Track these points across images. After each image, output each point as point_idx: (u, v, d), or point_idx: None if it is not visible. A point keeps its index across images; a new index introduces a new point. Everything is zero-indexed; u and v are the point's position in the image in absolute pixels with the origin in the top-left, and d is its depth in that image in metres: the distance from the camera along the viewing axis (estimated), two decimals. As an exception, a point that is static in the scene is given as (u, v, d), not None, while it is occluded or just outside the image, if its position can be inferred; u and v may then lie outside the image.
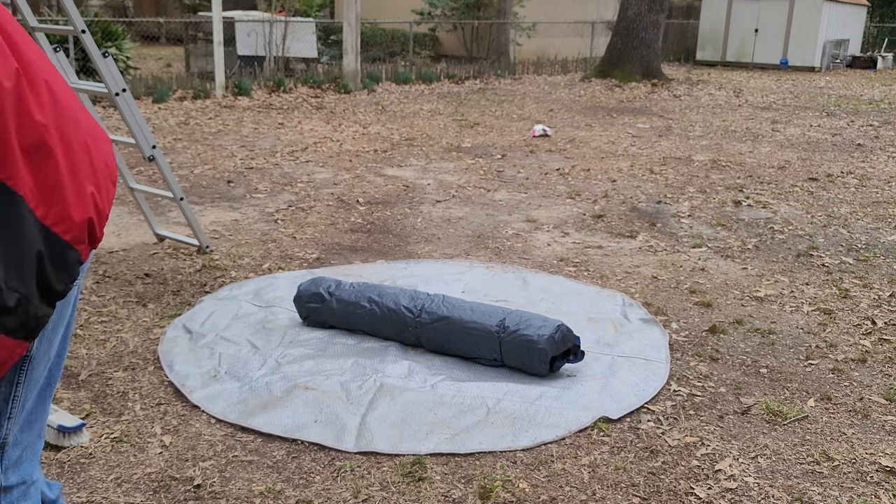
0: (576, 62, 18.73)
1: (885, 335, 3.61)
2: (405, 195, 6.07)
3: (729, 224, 5.48)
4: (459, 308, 3.18)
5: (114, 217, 5.26)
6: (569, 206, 5.87)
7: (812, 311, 3.88)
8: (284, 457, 2.52)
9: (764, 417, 2.83)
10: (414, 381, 2.99)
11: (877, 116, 11.67)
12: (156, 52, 18.78)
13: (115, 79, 3.80)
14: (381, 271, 4.27)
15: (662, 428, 2.74)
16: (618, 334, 3.49)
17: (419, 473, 2.42)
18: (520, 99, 12.84)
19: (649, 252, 4.80)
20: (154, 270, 4.22)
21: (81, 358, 3.15)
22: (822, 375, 3.19)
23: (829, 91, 15.42)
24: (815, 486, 2.43)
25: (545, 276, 4.26)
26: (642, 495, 2.35)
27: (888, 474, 2.50)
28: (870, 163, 7.93)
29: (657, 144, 8.74)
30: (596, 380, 3.04)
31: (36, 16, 4.25)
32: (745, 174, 7.20)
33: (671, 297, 4.04)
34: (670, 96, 13.73)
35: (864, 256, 4.80)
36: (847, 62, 22.26)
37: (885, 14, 27.15)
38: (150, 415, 2.74)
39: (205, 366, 3.09)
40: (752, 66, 21.28)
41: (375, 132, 9.06)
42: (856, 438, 2.71)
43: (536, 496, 2.33)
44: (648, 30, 15.75)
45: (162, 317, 3.59)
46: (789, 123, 10.70)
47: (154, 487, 2.33)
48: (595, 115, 11.03)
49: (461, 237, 5.02)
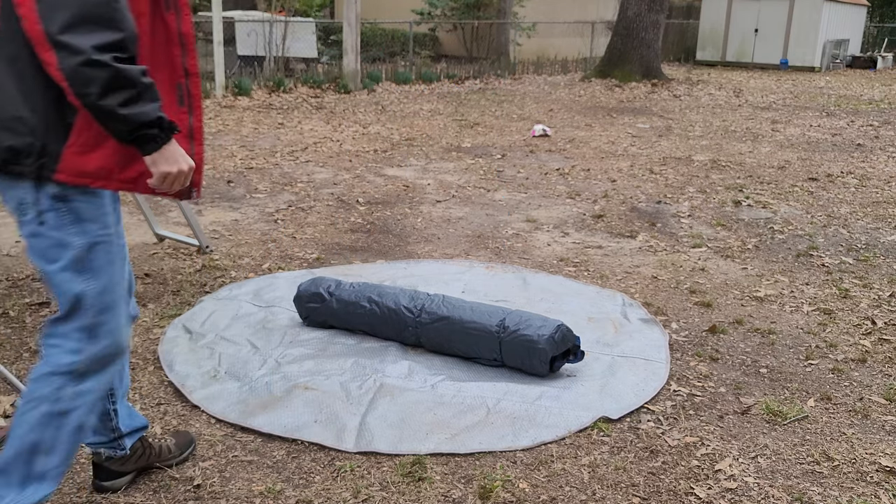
0: (576, 62, 18.73)
1: (884, 335, 3.61)
2: (405, 195, 6.07)
3: (729, 224, 5.48)
4: (459, 308, 3.18)
5: (114, 217, 5.25)
6: (569, 206, 5.87)
7: (812, 311, 3.88)
8: (284, 457, 2.52)
9: (764, 417, 2.83)
10: (414, 381, 2.99)
11: (877, 116, 11.67)
12: (156, 52, 18.75)
13: (114, 79, 3.80)
14: (381, 271, 4.27)
15: (662, 428, 2.74)
16: (618, 334, 3.49)
17: (419, 473, 2.42)
18: (520, 99, 12.85)
19: (649, 252, 4.80)
20: (154, 270, 4.22)
21: (81, 358, 3.15)
22: (822, 375, 3.19)
23: (829, 91, 15.42)
24: (815, 486, 2.43)
25: (545, 276, 4.26)
26: (642, 495, 2.36)
27: (888, 474, 2.50)
28: (870, 163, 7.93)
29: (657, 144, 8.75)
30: (596, 380, 3.04)
31: (36, 16, 4.24)
32: (745, 174, 7.21)
33: (671, 297, 4.04)
34: (670, 96, 13.73)
35: (864, 256, 4.80)
36: (847, 62, 22.27)
37: (885, 14, 27.16)
38: (149, 415, 2.74)
39: (205, 366, 3.09)
40: (752, 66, 21.28)
41: (375, 132, 9.06)
42: (856, 438, 2.71)
43: (536, 496, 2.33)
44: (648, 30, 15.75)
45: (162, 317, 3.59)
46: (789, 123, 10.70)
47: (154, 487, 2.33)
48: (595, 115, 11.04)
49: (461, 237, 5.02)
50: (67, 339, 1.86)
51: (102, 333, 1.88)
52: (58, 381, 1.84)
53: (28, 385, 1.87)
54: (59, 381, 1.84)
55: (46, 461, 1.85)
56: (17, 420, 1.85)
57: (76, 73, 1.60)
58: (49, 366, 1.85)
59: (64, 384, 1.85)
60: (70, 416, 1.86)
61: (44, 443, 1.84)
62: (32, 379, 1.86)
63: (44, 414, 1.83)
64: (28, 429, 1.83)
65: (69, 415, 1.86)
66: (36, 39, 1.60)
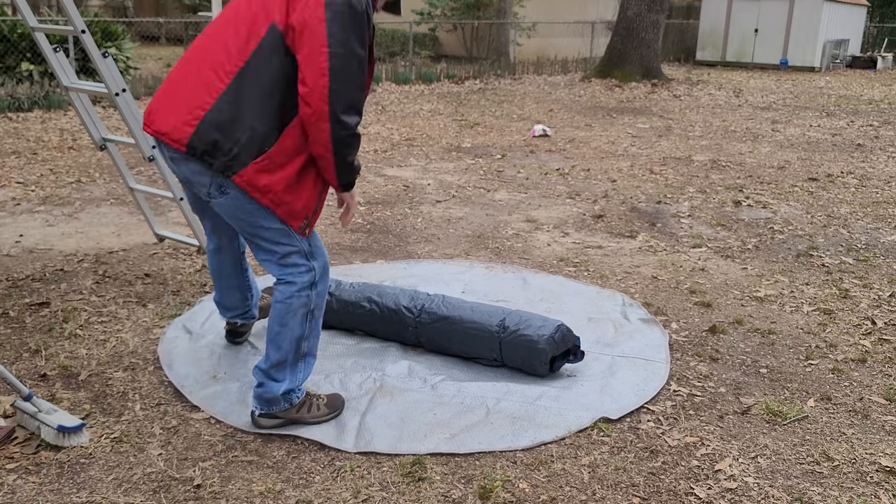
0: (576, 62, 18.73)
1: (884, 335, 3.61)
2: (405, 195, 6.07)
3: (729, 224, 5.48)
4: (459, 308, 3.18)
5: (113, 217, 5.26)
6: (569, 206, 5.87)
7: (812, 311, 3.88)
8: (284, 457, 2.52)
9: (764, 417, 2.83)
10: (414, 381, 2.99)
11: (876, 116, 11.68)
12: (156, 52, 18.79)
13: (115, 79, 3.80)
14: (381, 271, 4.27)
15: (662, 428, 2.74)
16: (617, 334, 3.49)
17: (419, 473, 2.42)
18: (520, 99, 12.85)
19: (649, 252, 4.80)
20: (154, 270, 4.22)
21: (81, 358, 3.15)
22: (821, 375, 3.19)
23: (829, 91, 15.42)
24: (815, 487, 2.43)
25: (545, 276, 4.26)
26: (642, 495, 2.36)
27: (888, 474, 2.50)
28: (870, 163, 7.93)
29: (657, 144, 8.75)
30: (596, 380, 3.04)
31: (36, 16, 4.25)
32: (744, 174, 7.21)
33: (671, 297, 4.04)
34: (670, 96, 13.73)
35: (863, 256, 4.80)
36: (847, 62, 22.28)
37: (885, 14, 27.16)
38: (150, 415, 2.74)
39: (205, 366, 3.09)
40: (751, 66, 21.29)
41: (375, 132, 9.06)
42: (856, 438, 2.71)
43: (536, 496, 2.33)
44: (648, 30, 15.75)
45: (162, 317, 3.59)
46: (789, 123, 10.70)
47: (154, 487, 2.33)
48: (595, 116, 11.04)
49: (461, 237, 5.02)
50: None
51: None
52: (305, 292, 2.56)
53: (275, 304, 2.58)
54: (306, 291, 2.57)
55: (307, 343, 2.64)
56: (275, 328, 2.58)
57: (343, 141, 2.37)
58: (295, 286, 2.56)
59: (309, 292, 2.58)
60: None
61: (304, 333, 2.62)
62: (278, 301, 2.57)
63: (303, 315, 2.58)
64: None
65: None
66: (318, 114, 2.31)
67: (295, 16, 2.31)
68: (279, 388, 2.60)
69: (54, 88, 10.16)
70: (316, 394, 2.76)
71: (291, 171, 2.41)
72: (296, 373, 2.62)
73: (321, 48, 2.28)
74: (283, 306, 2.56)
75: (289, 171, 2.41)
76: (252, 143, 2.35)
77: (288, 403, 2.64)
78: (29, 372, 3.02)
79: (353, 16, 2.30)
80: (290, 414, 2.66)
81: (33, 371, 3.03)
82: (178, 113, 2.40)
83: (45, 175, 6.41)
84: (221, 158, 2.36)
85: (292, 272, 2.55)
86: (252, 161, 2.36)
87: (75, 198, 5.73)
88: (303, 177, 2.45)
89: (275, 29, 2.33)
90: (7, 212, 5.31)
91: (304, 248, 2.55)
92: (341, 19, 2.29)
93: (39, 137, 8.09)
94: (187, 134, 2.37)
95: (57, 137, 8.13)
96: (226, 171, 2.38)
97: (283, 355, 2.58)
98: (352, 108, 2.35)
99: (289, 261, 2.55)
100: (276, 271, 2.56)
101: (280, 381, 2.60)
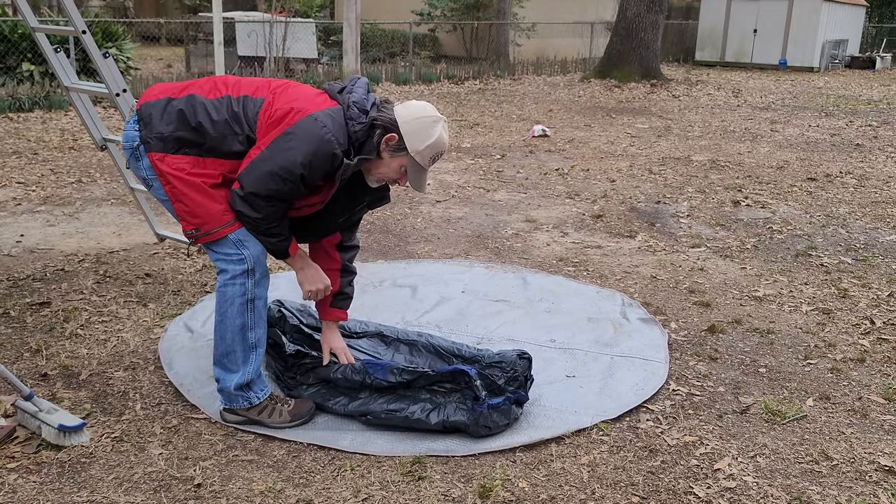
0: (575, 62, 18.74)
1: (883, 335, 3.62)
2: (405, 195, 6.08)
3: (728, 224, 5.49)
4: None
5: (114, 217, 5.27)
6: (568, 206, 5.88)
7: (811, 311, 3.89)
8: (284, 456, 2.52)
9: (763, 417, 2.84)
10: (414, 381, 2.99)
11: (875, 116, 11.68)
12: (156, 52, 18.80)
13: (115, 79, 3.81)
14: (381, 271, 4.27)
15: (661, 427, 2.75)
16: (617, 334, 3.49)
17: (419, 473, 2.43)
18: (519, 99, 12.85)
19: (648, 252, 4.80)
20: (154, 270, 4.23)
21: (82, 357, 3.16)
22: (820, 375, 3.20)
23: (828, 91, 15.43)
24: (814, 486, 2.43)
25: (545, 276, 4.27)
26: (641, 494, 2.36)
27: (887, 473, 2.51)
28: (868, 163, 7.94)
29: (656, 144, 8.76)
30: (595, 380, 3.05)
31: (36, 16, 4.26)
32: (743, 174, 7.22)
33: (670, 296, 4.04)
34: (669, 97, 13.74)
35: (862, 256, 4.81)
36: (846, 62, 22.29)
37: (884, 14, 27.18)
38: (150, 414, 2.75)
39: (204, 365, 3.09)
40: (750, 66, 21.30)
41: (375, 132, 9.06)
42: (854, 438, 2.72)
43: (536, 495, 2.34)
44: (647, 30, 15.76)
45: (162, 317, 3.59)
46: (788, 124, 10.71)
47: (154, 487, 2.34)
48: (594, 116, 11.04)
49: (461, 237, 5.03)
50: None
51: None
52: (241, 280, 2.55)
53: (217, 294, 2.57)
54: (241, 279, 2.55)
55: (254, 334, 2.60)
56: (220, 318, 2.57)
57: (238, 213, 2.51)
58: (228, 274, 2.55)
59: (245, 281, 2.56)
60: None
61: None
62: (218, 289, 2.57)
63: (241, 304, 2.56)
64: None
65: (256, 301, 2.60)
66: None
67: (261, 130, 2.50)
68: (231, 380, 2.60)
69: (55, 89, 10.16)
70: (282, 398, 2.73)
71: (204, 184, 2.51)
72: (247, 364, 2.60)
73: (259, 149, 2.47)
74: (219, 295, 2.57)
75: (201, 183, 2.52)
76: (179, 142, 2.51)
77: (247, 403, 2.64)
78: (30, 371, 3.02)
79: (285, 170, 2.42)
80: (252, 414, 2.65)
81: (34, 371, 3.03)
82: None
83: (46, 175, 6.42)
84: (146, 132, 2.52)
85: (223, 259, 2.55)
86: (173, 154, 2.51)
87: (76, 198, 5.74)
88: (212, 194, 2.51)
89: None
90: (8, 212, 5.31)
91: (233, 236, 2.54)
92: (279, 155, 2.43)
93: (40, 137, 8.10)
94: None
95: (58, 138, 8.14)
96: (145, 144, 2.52)
97: (229, 346, 2.58)
98: (256, 197, 2.45)
99: (219, 247, 2.55)
100: (211, 256, 2.59)
101: (233, 373, 2.59)
